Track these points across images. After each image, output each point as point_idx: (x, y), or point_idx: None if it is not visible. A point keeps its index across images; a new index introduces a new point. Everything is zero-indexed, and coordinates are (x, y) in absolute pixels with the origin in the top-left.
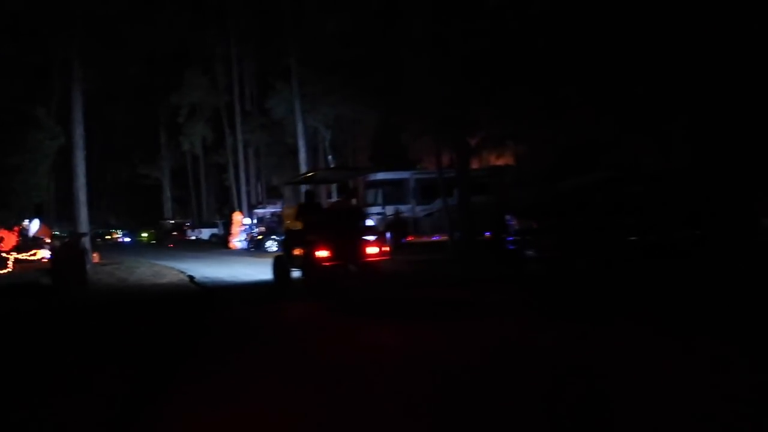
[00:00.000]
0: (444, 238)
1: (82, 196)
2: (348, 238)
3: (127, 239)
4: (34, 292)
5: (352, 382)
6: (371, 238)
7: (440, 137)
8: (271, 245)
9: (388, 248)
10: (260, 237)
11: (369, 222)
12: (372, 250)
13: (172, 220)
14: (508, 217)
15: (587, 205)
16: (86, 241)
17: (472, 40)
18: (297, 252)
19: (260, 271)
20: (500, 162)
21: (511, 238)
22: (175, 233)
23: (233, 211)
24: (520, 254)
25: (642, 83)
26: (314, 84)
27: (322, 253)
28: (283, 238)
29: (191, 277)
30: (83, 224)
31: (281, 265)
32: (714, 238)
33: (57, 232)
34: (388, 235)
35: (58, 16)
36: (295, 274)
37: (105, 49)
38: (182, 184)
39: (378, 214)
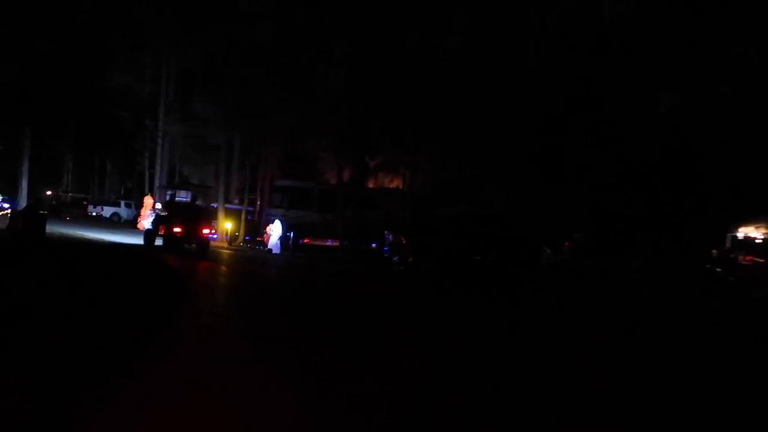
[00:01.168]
0: (336, 243)
1: (25, 169)
2: (192, 223)
3: (6, 205)
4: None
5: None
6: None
7: (342, 155)
8: None
9: (214, 230)
10: None
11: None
12: (205, 231)
13: (69, 193)
14: (386, 232)
15: (441, 230)
16: None
17: (383, 71)
18: (161, 228)
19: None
20: (393, 185)
21: (386, 248)
22: (72, 207)
23: (144, 194)
24: (389, 259)
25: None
26: (239, 92)
27: (177, 230)
28: (153, 219)
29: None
30: (24, 192)
31: (151, 235)
32: (516, 263)
33: None
34: (291, 234)
35: None
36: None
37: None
38: (83, 160)
39: (282, 216)
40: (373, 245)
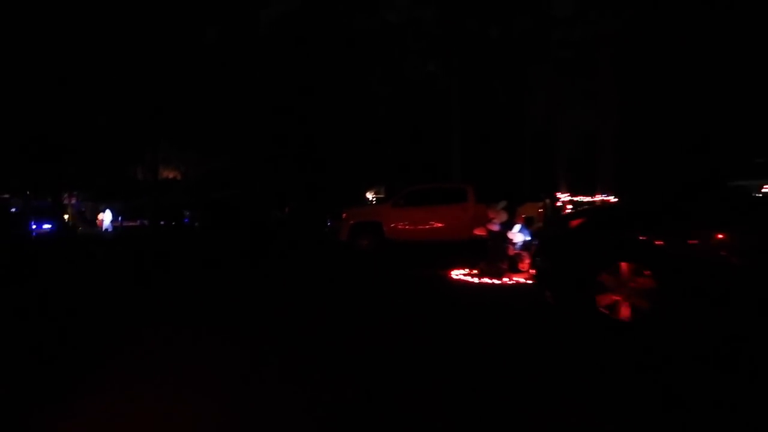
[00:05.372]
0: (142, 222)
1: None
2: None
3: None
4: None
5: None
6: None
7: (135, 156)
8: None
9: None
10: None
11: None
12: None
13: None
14: (185, 210)
15: (220, 204)
16: None
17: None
18: None
19: None
20: (171, 176)
21: (186, 219)
22: None
23: None
24: (190, 224)
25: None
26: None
27: None
28: None
29: None
30: None
31: None
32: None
33: None
34: (120, 218)
35: None
36: None
37: None
38: None
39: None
40: (161, 222)
